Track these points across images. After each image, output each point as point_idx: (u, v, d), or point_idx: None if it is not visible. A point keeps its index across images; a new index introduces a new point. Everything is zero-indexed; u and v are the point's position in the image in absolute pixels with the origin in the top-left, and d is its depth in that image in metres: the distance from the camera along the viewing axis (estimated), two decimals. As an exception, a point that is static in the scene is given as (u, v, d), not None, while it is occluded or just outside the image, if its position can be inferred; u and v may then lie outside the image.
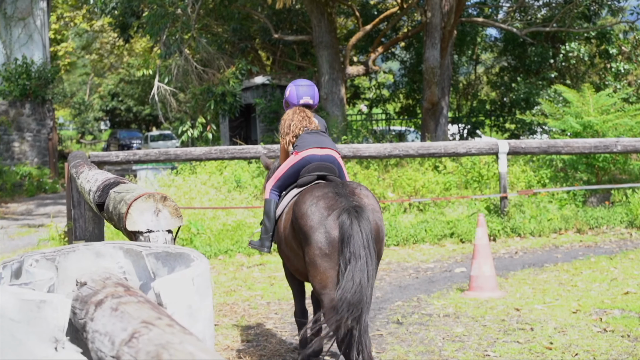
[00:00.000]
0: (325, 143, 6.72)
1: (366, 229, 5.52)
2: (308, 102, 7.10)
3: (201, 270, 2.40)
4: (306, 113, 6.95)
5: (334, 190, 5.90)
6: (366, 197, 5.91)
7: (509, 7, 27.98)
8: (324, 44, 22.57)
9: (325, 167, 6.54)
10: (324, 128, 7.02)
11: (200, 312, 2.33)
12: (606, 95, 17.83)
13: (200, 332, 2.31)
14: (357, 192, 5.92)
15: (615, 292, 9.17)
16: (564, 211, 14.76)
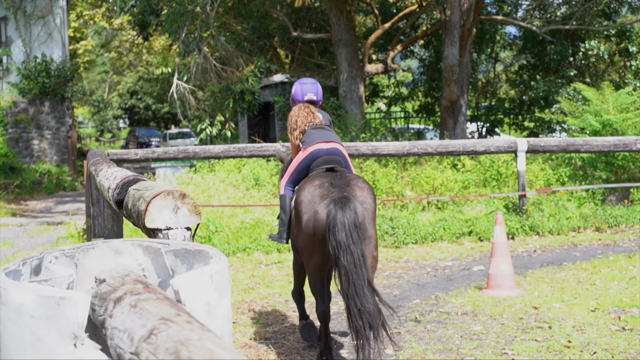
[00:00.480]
0: (329, 137, 7.23)
1: (349, 218, 5.99)
2: (312, 98, 7.57)
3: (220, 268, 2.41)
4: (310, 109, 7.42)
5: (330, 180, 6.50)
6: (359, 189, 6.42)
7: (528, 5, 27.88)
8: (342, 42, 22.56)
9: (332, 160, 6.97)
10: (328, 122, 7.54)
11: (218, 309, 2.34)
12: (626, 94, 17.73)
13: (219, 329, 2.32)
14: (352, 184, 6.48)
15: (634, 290, 9.13)
16: (582, 209, 14.70)
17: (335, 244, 5.96)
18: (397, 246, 13.00)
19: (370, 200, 6.43)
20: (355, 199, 6.28)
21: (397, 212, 14.36)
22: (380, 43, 27.19)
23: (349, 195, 6.27)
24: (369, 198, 6.42)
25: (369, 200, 6.40)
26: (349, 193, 6.32)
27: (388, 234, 13.18)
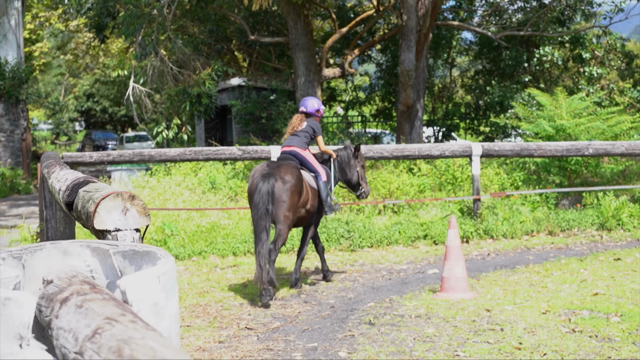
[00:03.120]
0: (293, 142, 10.12)
1: (264, 188, 9.13)
2: (302, 110, 10.39)
3: (167, 269, 2.42)
4: (300, 118, 10.31)
5: (268, 164, 9.66)
6: (283, 171, 9.35)
7: (484, 11, 28.15)
8: (300, 46, 22.61)
9: (285, 158, 10.06)
10: (309, 129, 10.19)
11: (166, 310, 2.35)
12: (579, 99, 17.99)
13: (166, 329, 2.33)
14: (281, 166, 9.49)
15: (585, 293, 9.27)
16: (536, 213, 14.88)
17: (251, 203, 9.34)
18: (352, 250, 13.06)
19: (290, 178, 9.30)
20: (277, 175, 9.26)
21: (353, 216, 14.42)
22: (338, 47, 27.29)
23: (273, 172, 9.28)
24: (289, 177, 9.30)
25: (289, 178, 9.29)
26: (274, 172, 9.29)
27: (344, 237, 13.23)
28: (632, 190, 16.11)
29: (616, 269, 10.88)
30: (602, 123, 17.05)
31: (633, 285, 9.69)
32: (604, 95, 23.95)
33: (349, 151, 10.74)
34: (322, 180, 10.10)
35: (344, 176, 10.75)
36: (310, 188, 9.88)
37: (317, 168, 10.13)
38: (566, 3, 25.37)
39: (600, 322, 7.80)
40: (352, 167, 10.68)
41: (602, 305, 8.55)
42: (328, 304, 9.09)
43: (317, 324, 8.09)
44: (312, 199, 9.90)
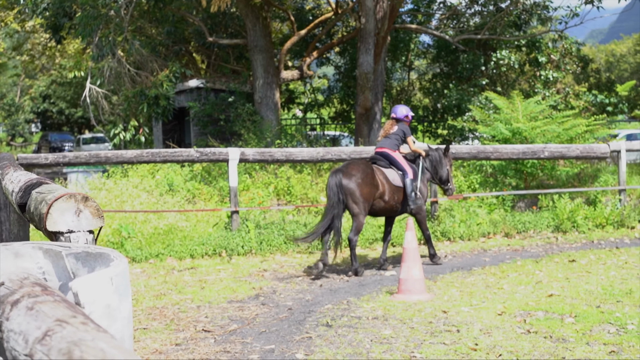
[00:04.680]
0: (384, 144, 11.75)
1: (333, 182, 10.92)
2: (393, 116, 11.98)
3: (120, 270, 2.40)
4: (391, 123, 11.96)
5: (346, 162, 11.51)
6: (351, 167, 11.10)
7: (441, 14, 28.32)
8: (258, 48, 22.58)
9: (376, 157, 11.77)
10: (400, 132, 11.78)
11: (119, 311, 2.33)
12: (535, 103, 18.18)
13: (119, 331, 2.32)
14: (351, 163, 11.28)
15: (540, 294, 9.38)
16: (492, 216, 15.01)
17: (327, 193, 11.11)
18: (310, 252, 13.07)
19: (357, 173, 10.98)
20: (345, 171, 11.00)
21: (311, 218, 14.43)
22: (296, 50, 27.30)
23: (343, 169, 11.07)
24: (356, 172, 10.98)
25: (356, 173, 10.97)
26: (343, 168, 11.07)
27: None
28: (586, 192, 16.32)
29: (571, 271, 11.02)
30: (558, 126, 17.25)
31: (587, 286, 9.82)
32: (560, 98, 24.22)
33: (440, 152, 12.38)
34: (409, 178, 11.60)
35: (436, 173, 12.32)
36: (388, 183, 11.43)
37: (405, 167, 11.63)
38: (522, 7, 25.63)
39: (555, 322, 7.89)
40: (443, 165, 12.31)
41: (556, 306, 8.65)
42: (286, 306, 9.09)
43: (275, 326, 8.08)
44: (393, 193, 11.47)
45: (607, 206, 15.67)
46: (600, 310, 8.45)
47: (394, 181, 11.50)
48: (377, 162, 11.64)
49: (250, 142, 20.08)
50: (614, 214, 15.29)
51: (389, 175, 11.51)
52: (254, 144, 19.83)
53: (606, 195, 16.52)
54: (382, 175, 11.43)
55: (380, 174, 11.43)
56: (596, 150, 15.81)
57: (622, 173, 16.03)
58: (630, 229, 15.19)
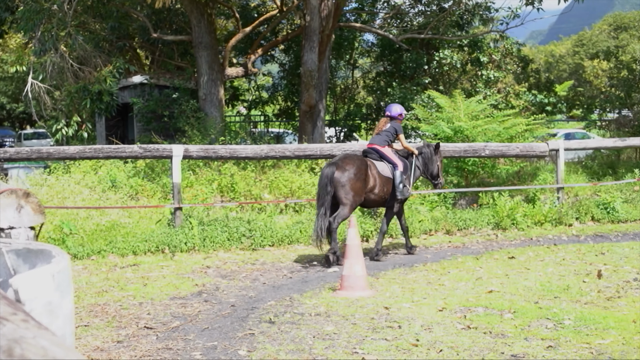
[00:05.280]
0: (374, 140, 12.53)
1: (325, 173, 11.59)
2: (387, 114, 12.74)
3: (62, 267, 2.41)
4: (385, 121, 12.64)
5: (342, 155, 12.19)
6: (346, 161, 11.69)
7: (385, 13, 28.47)
8: (203, 45, 22.49)
9: (367, 151, 12.49)
10: (391, 129, 12.51)
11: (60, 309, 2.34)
12: (476, 102, 18.41)
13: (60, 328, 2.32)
14: (346, 157, 11.90)
15: (480, 290, 9.53)
16: (434, 213, 15.18)
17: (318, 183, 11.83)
18: (254, 249, 13.09)
19: (350, 167, 11.55)
20: (340, 164, 11.58)
21: (254, 215, 14.44)
22: (241, 47, 27.23)
23: (337, 162, 11.66)
24: (350, 166, 11.57)
25: (350, 167, 11.55)
26: (339, 161, 11.68)
27: (245, 236, 13.25)
28: (526, 190, 16.58)
29: (510, 267, 11.21)
30: (499, 125, 17.49)
31: (526, 282, 10.00)
32: (501, 98, 24.56)
33: (431, 149, 13.12)
34: (399, 170, 12.30)
35: (427, 169, 13.08)
36: (380, 176, 12.13)
37: (395, 160, 12.36)
38: (465, 8, 25.91)
39: (494, 318, 8.03)
40: (434, 161, 13.07)
41: (496, 302, 8.80)
42: (229, 303, 9.10)
43: (217, 323, 8.09)
44: (383, 185, 12.16)
45: (546, 204, 15.95)
46: (538, 306, 8.62)
47: (384, 172, 12.23)
48: (369, 155, 12.42)
49: (194, 138, 19.99)
50: (552, 211, 15.57)
51: (379, 167, 12.22)
52: (198, 140, 19.74)
53: (544, 193, 16.81)
54: (375, 169, 12.13)
55: (373, 167, 12.13)
56: (535, 149, 16.09)
57: (560, 171, 16.33)
58: (567, 226, 15.49)
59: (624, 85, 23.34)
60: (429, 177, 13.29)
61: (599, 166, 19.88)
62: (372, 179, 12.01)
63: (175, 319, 8.30)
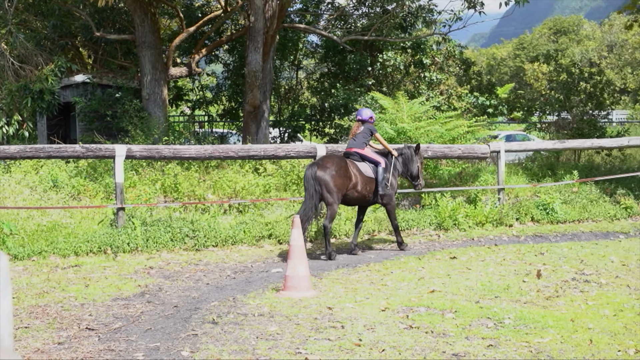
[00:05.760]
0: (352, 144, 13.06)
1: (309, 174, 12.16)
2: (359, 118, 13.25)
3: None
4: (358, 125, 13.20)
5: (322, 156, 12.82)
6: (326, 160, 12.37)
7: (329, 15, 28.54)
8: (146, 44, 22.33)
9: (348, 154, 13.00)
10: (367, 131, 13.07)
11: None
12: (419, 103, 18.60)
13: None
14: (326, 157, 12.63)
15: (422, 290, 9.65)
16: (377, 214, 15.28)
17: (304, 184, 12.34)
18: (197, 249, 13.06)
19: (331, 165, 12.21)
20: (321, 164, 12.25)
21: (198, 215, 14.40)
22: (185, 46, 27.08)
23: (318, 162, 12.35)
24: (331, 164, 12.22)
25: (330, 165, 12.20)
26: (320, 161, 12.38)
27: (189, 236, 13.21)
28: (467, 191, 16.79)
29: (452, 267, 11.37)
30: (441, 127, 17.69)
31: (467, 282, 10.16)
32: (443, 100, 24.80)
33: (411, 150, 13.63)
34: (382, 167, 12.97)
35: (407, 169, 13.60)
36: (362, 175, 12.75)
37: (376, 159, 13.02)
38: (408, 10, 26.10)
39: (436, 318, 8.15)
40: (414, 162, 13.58)
41: (438, 302, 8.93)
42: (172, 304, 9.08)
43: (160, 324, 8.08)
44: (365, 184, 12.77)
45: (487, 205, 16.17)
46: (479, 305, 8.77)
47: (366, 172, 12.84)
48: (350, 156, 12.99)
49: (137, 138, 19.84)
50: (493, 212, 15.79)
51: (362, 168, 12.84)
52: (141, 140, 19.59)
53: (486, 194, 17.03)
54: (355, 168, 12.74)
55: (354, 166, 12.74)
56: (477, 151, 16.30)
57: (501, 173, 16.57)
58: (508, 226, 15.72)
59: (563, 88, 23.75)
60: (408, 178, 13.79)
61: (539, 168, 20.19)
62: (354, 176, 12.61)
63: (117, 320, 8.26)
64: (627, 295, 9.32)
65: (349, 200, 12.86)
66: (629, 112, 47.72)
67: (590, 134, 22.13)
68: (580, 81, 23.51)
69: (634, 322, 7.96)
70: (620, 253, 12.67)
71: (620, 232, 15.57)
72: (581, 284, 10.05)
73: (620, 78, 59.92)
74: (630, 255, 12.45)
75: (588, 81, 23.54)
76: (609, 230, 15.78)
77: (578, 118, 22.82)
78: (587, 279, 10.43)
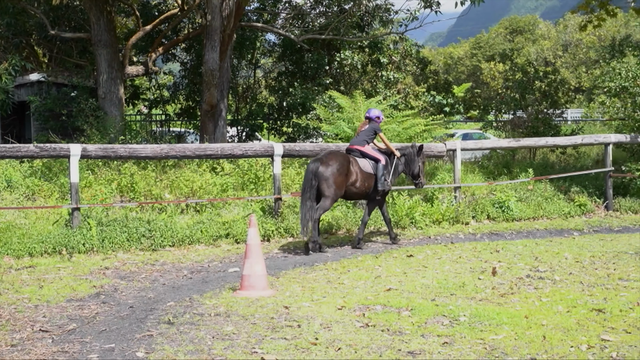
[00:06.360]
0: (354, 141, 13.73)
1: (310, 168, 12.65)
2: (367, 116, 13.90)
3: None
4: (365, 122, 13.83)
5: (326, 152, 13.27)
6: (329, 157, 12.87)
7: (287, 14, 28.54)
8: (102, 43, 22.15)
9: (349, 150, 13.61)
10: (370, 130, 13.65)
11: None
12: (376, 102, 18.68)
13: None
14: (330, 153, 13.09)
15: (379, 288, 9.69)
16: (335, 212, 15.32)
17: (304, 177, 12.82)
18: (154, 249, 12.98)
19: (333, 163, 12.70)
20: (324, 160, 12.73)
21: (155, 215, 14.31)
22: (142, 45, 26.91)
23: (322, 158, 12.83)
24: (333, 162, 12.71)
25: (333, 163, 12.69)
26: (324, 157, 12.83)
27: (145, 236, 13.13)
28: (424, 189, 16.87)
29: (408, 265, 11.43)
30: (398, 125, 17.79)
31: (423, 280, 10.22)
32: (400, 98, 24.94)
33: (414, 149, 14.14)
34: (381, 164, 13.53)
35: (409, 169, 14.17)
36: (362, 171, 13.33)
37: (376, 156, 13.59)
38: (365, 9, 26.19)
39: (392, 316, 8.19)
40: (416, 162, 14.11)
41: (394, 300, 8.97)
42: (127, 304, 9.03)
43: (115, 325, 8.02)
44: (365, 180, 13.35)
45: (443, 203, 16.30)
46: (435, 303, 8.83)
47: (365, 168, 13.43)
48: (352, 152, 13.61)
49: (93, 138, 19.65)
50: (450, 210, 15.91)
51: (361, 164, 13.42)
52: (97, 140, 19.42)
53: (443, 192, 17.15)
54: (357, 165, 13.31)
55: (355, 163, 13.29)
56: (433, 149, 16.40)
57: (458, 171, 16.70)
58: (464, 224, 15.86)
59: (518, 87, 23.96)
60: (410, 177, 14.41)
61: (495, 166, 20.37)
62: (354, 174, 13.17)
63: (71, 322, 8.18)
64: (580, 292, 9.44)
65: (348, 196, 13.50)
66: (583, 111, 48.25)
67: (545, 132, 22.36)
68: (535, 80, 23.73)
69: (587, 318, 8.06)
70: (574, 250, 12.84)
71: (574, 230, 15.79)
72: (535, 281, 10.16)
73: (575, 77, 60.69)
74: (583, 252, 12.62)
75: (543, 80, 23.77)
76: (563, 227, 15.99)
77: (533, 117, 23.03)
78: (541, 275, 10.55)
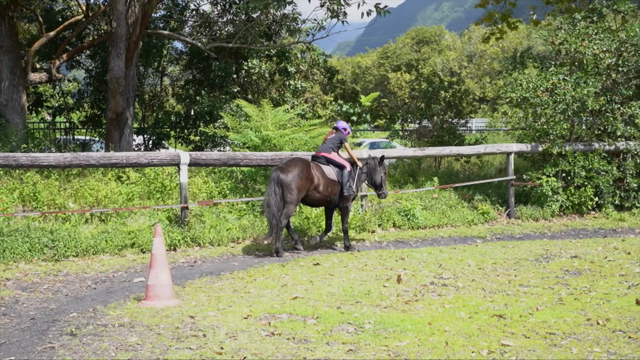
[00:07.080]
0: (320, 149, 14.21)
1: (271, 177, 13.21)
2: (335, 126, 14.48)
3: None
4: (331, 132, 14.38)
5: (286, 160, 13.71)
6: (289, 164, 13.39)
7: (194, 21, 28.40)
8: (4, 49, 21.67)
9: (315, 157, 14.11)
10: (336, 139, 14.19)
11: None
12: (283, 111, 18.73)
13: None
14: (290, 161, 13.54)
15: (285, 297, 9.73)
16: (242, 221, 15.30)
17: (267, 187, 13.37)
18: (57, 259, 12.73)
19: (293, 168, 13.22)
20: (284, 168, 13.26)
21: (58, 225, 14.04)
22: (45, 52, 26.38)
23: (282, 166, 13.34)
24: (293, 167, 13.23)
25: (292, 169, 13.21)
26: (283, 165, 13.36)
27: (48, 247, 12.88)
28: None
29: (315, 274, 11.50)
30: (305, 134, 17.88)
31: (329, 288, 10.30)
32: (308, 107, 25.07)
33: (375, 161, 14.69)
34: (347, 170, 14.04)
35: (371, 179, 14.69)
36: (325, 177, 13.80)
37: (341, 162, 14.12)
38: (273, 18, 26.25)
39: (298, 324, 8.24)
40: (378, 172, 14.60)
41: (300, 308, 9.02)
42: (28, 316, 8.85)
43: (16, 337, 7.86)
44: (328, 186, 13.83)
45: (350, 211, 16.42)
46: (340, 311, 8.91)
47: (329, 175, 13.91)
48: (317, 159, 14.10)
49: (-7, 146, 19.21)
50: (356, 218, 16.05)
51: (325, 171, 13.91)
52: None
53: (349, 200, 17.28)
54: (319, 171, 13.78)
55: (317, 169, 13.77)
56: (340, 158, 16.52)
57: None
58: (370, 232, 16.03)
59: (424, 97, 24.32)
60: (372, 187, 14.92)
61: (401, 174, 20.63)
62: (316, 178, 13.64)
63: (-30, 335, 7.99)
64: (482, 298, 9.66)
65: (311, 201, 13.95)
66: (487, 120, 49.35)
67: (449, 141, 22.75)
68: (440, 90, 24.12)
69: (488, 323, 8.26)
70: (477, 257, 13.11)
71: (477, 237, 16.12)
72: (439, 288, 10.35)
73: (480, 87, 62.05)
74: (486, 259, 12.90)
75: (448, 90, 24.17)
76: (467, 235, 16.31)
77: (438, 126, 23.41)
78: (445, 282, 10.75)
